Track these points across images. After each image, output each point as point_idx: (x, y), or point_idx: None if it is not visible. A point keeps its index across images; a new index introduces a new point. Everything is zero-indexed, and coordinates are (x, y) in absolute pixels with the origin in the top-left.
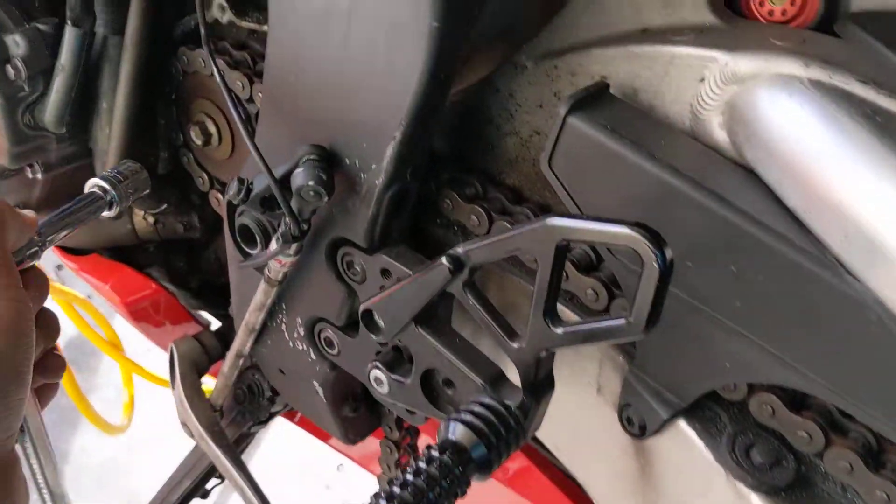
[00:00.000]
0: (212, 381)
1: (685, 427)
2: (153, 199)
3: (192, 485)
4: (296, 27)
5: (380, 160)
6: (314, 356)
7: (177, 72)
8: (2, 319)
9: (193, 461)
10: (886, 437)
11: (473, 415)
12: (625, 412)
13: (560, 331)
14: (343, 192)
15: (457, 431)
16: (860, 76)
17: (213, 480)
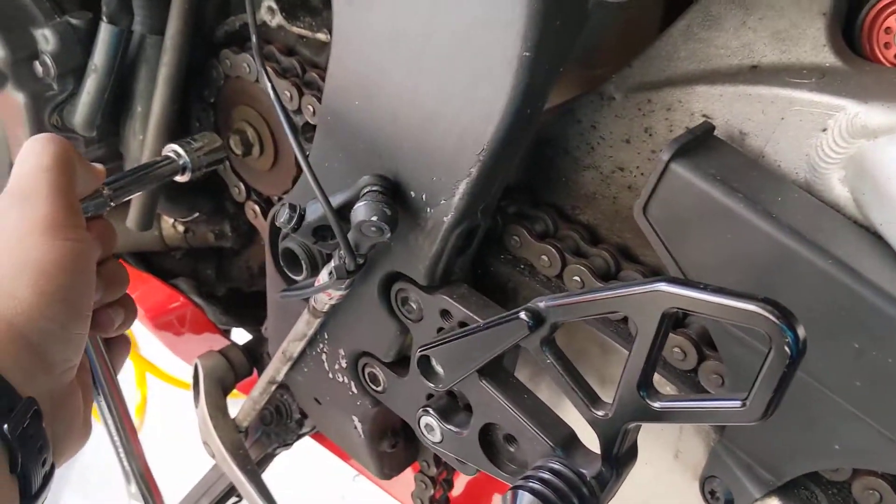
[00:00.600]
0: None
1: None
2: (184, 207)
3: None
4: (363, 46)
5: (450, 196)
6: (356, 390)
7: (218, 75)
8: (63, 257)
9: (213, 479)
10: None
11: (543, 483)
12: (708, 484)
13: (657, 405)
14: (405, 226)
15: (524, 503)
16: None
17: (232, 499)
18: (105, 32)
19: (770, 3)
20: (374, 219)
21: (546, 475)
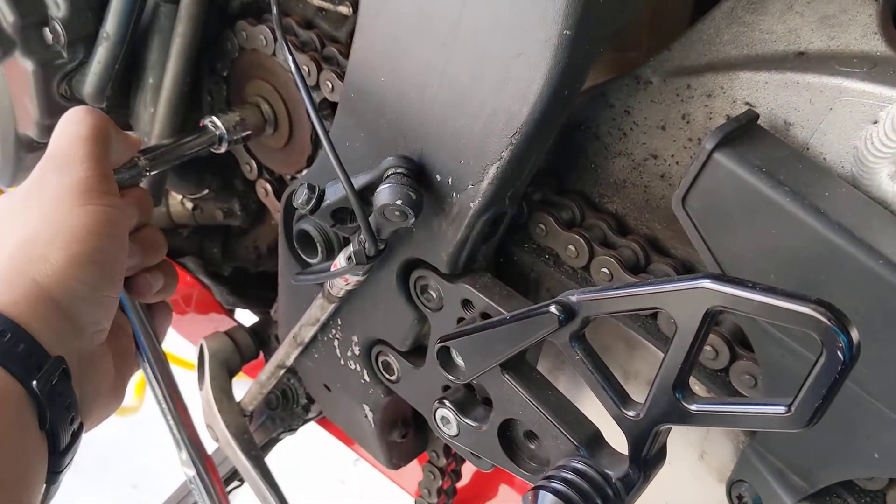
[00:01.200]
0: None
1: None
2: (193, 184)
3: None
4: (392, 18)
5: (478, 181)
6: (368, 378)
7: (232, 47)
8: (96, 222)
9: (216, 463)
10: None
11: (566, 483)
12: (735, 489)
13: (693, 408)
14: (429, 210)
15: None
16: None
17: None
18: (118, 0)
19: None
20: (399, 202)
21: (569, 475)
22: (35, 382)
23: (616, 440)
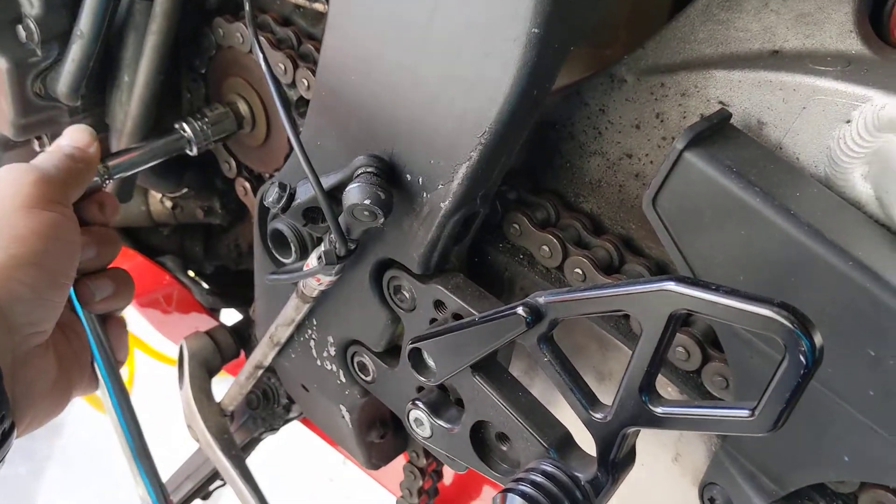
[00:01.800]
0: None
1: None
2: (172, 183)
3: (195, 488)
4: (363, 20)
5: (449, 180)
6: (344, 379)
7: (210, 45)
8: (41, 225)
9: (198, 463)
10: None
11: (535, 486)
12: (707, 491)
13: (659, 410)
14: (399, 210)
15: None
16: None
17: (216, 482)
18: None
19: None
20: (367, 202)
21: (538, 478)
22: None
23: (589, 442)
